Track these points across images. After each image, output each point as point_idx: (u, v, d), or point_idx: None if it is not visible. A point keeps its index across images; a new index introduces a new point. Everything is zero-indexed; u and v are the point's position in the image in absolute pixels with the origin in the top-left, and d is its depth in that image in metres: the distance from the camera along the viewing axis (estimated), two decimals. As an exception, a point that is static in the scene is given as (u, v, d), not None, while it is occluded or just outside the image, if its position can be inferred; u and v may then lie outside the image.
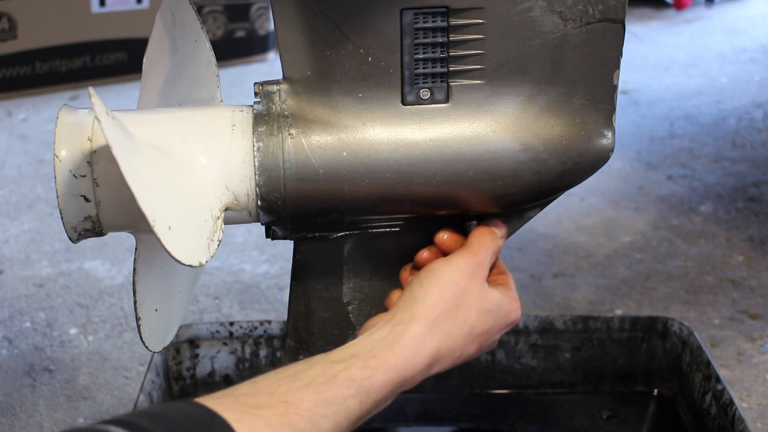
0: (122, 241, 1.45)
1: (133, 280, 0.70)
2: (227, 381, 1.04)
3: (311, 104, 0.69)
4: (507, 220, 0.74)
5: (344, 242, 0.74)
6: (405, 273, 0.74)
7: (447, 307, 0.67)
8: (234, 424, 0.53)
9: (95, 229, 0.68)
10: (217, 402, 0.55)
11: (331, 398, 0.59)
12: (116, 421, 0.51)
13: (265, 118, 0.68)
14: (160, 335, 0.75)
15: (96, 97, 0.58)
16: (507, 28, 0.67)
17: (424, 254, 0.73)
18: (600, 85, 0.70)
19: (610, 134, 0.72)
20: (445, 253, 0.72)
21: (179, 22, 0.76)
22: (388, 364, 0.63)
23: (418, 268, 0.73)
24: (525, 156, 0.69)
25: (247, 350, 1.04)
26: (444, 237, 0.72)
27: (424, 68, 0.68)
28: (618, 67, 0.70)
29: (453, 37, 0.67)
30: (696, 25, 2.82)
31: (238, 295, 1.32)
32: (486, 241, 0.71)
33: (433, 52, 0.68)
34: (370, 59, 0.67)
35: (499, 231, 0.73)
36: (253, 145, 0.67)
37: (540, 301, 1.28)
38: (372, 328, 0.67)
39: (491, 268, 0.74)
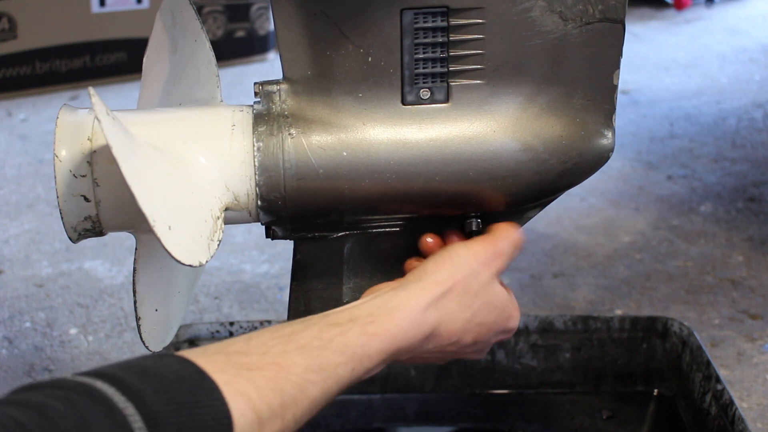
0: (122, 241, 1.45)
1: (133, 280, 0.70)
2: (227, 381, 1.04)
3: (311, 104, 0.69)
4: (507, 220, 0.74)
5: (344, 242, 0.74)
6: (411, 262, 0.73)
7: (455, 286, 0.66)
8: (223, 387, 0.52)
9: (95, 229, 0.68)
10: (208, 359, 0.53)
11: (323, 364, 0.58)
12: (103, 375, 0.48)
13: (265, 118, 0.68)
14: (160, 335, 0.75)
15: (96, 97, 0.58)
16: (507, 28, 0.67)
17: (428, 239, 0.73)
18: (600, 85, 0.70)
19: (610, 134, 0.72)
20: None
21: (179, 22, 0.76)
22: (386, 332, 0.61)
23: (423, 256, 0.73)
24: (525, 156, 0.69)
25: (247, 350, 1.04)
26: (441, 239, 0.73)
27: (424, 68, 0.68)
28: (618, 67, 0.70)
29: (453, 37, 0.67)
30: (696, 25, 2.82)
31: (238, 295, 1.32)
32: (509, 233, 0.71)
33: (433, 52, 0.68)
34: (370, 59, 0.67)
35: (519, 231, 0.72)
36: (253, 145, 0.67)
37: (540, 301, 1.28)
38: (375, 292, 0.66)
39: None
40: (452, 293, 0.66)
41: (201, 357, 0.54)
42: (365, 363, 0.60)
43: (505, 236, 0.70)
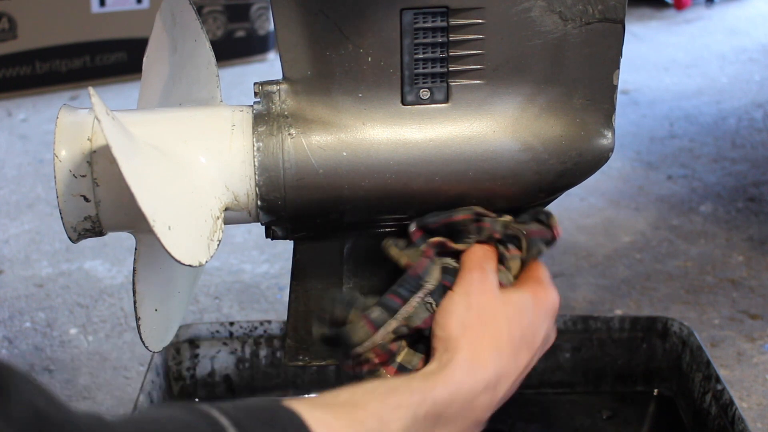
0: (122, 241, 1.45)
1: (133, 280, 0.70)
2: (227, 381, 1.04)
3: (311, 104, 0.69)
4: (507, 220, 0.74)
5: (344, 242, 0.74)
6: None
7: (475, 331, 0.65)
8: (303, 413, 0.53)
9: (95, 229, 0.68)
10: (286, 401, 0.56)
11: (397, 402, 0.58)
12: (218, 408, 0.52)
13: (264, 118, 0.68)
14: (160, 335, 0.75)
15: (96, 97, 0.58)
16: (507, 28, 0.67)
17: None
18: (600, 85, 0.70)
19: (610, 134, 0.72)
20: None
21: (179, 22, 0.76)
22: (447, 379, 0.62)
23: None
24: (525, 156, 0.69)
25: (247, 350, 1.04)
26: None
27: (423, 68, 0.68)
28: (618, 67, 0.70)
29: (453, 37, 0.67)
30: (696, 25, 2.82)
31: (238, 295, 1.32)
32: (476, 256, 0.69)
33: (432, 52, 0.68)
34: (370, 59, 0.67)
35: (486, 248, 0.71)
36: (253, 145, 0.67)
37: (540, 301, 1.27)
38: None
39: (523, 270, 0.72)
40: (478, 338, 0.65)
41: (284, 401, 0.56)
42: (438, 408, 0.60)
43: (475, 261, 0.68)
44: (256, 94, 0.69)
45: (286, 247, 1.01)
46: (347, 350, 0.67)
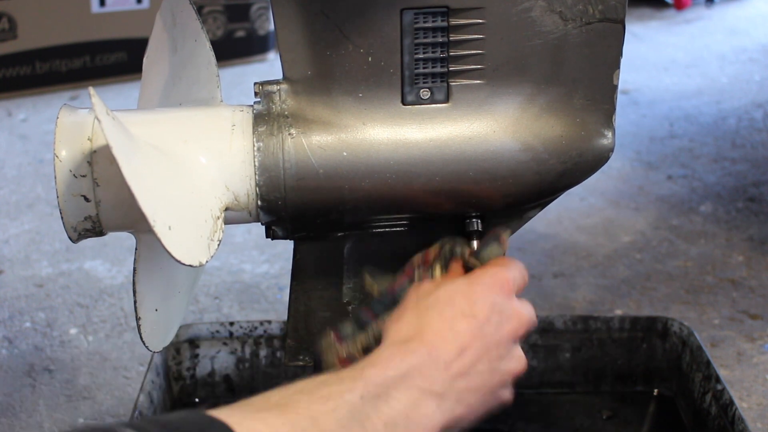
0: (122, 241, 1.45)
1: (133, 280, 0.70)
2: (227, 381, 1.04)
3: (311, 104, 0.69)
4: (507, 220, 0.74)
5: (344, 242, 0.74)
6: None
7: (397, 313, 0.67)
8: (234, 426, 0.53)
9: (95, 229, 0.68)
10: (217, 411, 0.56)
11: (326, 395, 0.58)
12: (131, 425, 0.51)
13: (265, 118, 0.68)
14: (160, 335, 0.75)
15: (96, 97, 0.58)
16: (507, 28, 0.67)
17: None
18: (600, 85, 0.70)
19: (610, 134, 0.72)
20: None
21: (179, 22, 0.76)
22: (374, 359, 0.62)
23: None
24: (525, 156, 0.69)
25: (247, 350, 1.04)
26: None
27: (424, 68, 0.68)
28: (618, 67, 0.70)
29: (453, 37, 0.67)
30: (696, 25, 2.82)
31: (238, 295, 1.32)
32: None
33: (433, 52, 0.68)
34: (370, 59, 0.67)
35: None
36: (253, 145, 0.67)
37: (540, 301, 1.28)
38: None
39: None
40: (399, 322, 0.66)
41: (210, 411, 0.56)
42: (372, 389, 0.59)
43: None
44: (256, 94, 0.69)
45: (286, 247, 1.01)
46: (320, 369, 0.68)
